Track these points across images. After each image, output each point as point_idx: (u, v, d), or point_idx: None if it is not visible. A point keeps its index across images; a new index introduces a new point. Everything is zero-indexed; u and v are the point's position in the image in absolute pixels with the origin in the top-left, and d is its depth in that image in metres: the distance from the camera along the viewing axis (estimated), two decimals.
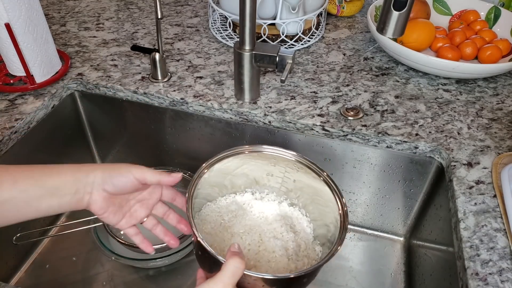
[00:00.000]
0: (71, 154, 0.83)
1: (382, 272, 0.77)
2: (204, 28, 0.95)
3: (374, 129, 0.68)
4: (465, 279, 0.49)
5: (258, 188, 0.60)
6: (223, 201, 0.59)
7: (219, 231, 0.54)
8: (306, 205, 0.58)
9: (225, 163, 0.54)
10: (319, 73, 0.80)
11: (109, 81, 0.77)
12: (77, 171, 0.46)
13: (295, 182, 0.58)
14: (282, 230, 0.55)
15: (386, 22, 0.51)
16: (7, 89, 0.72)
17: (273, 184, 0.60)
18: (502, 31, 0.88)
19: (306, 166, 0.54)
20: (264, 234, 0.54)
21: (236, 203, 0.58)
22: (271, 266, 0.50)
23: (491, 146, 0.65)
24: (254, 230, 0.54)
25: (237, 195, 0.60)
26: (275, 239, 0.53)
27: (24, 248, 0.76)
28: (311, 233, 0.56)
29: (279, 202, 0.59)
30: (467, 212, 0.55)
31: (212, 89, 0.75)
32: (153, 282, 0.75)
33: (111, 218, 0.50)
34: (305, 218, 0.58)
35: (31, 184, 0.43)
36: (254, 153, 0.55)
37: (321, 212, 0.55)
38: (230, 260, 0.40)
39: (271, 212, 0.58)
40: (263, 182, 0.60)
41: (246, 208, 0.58)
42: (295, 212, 0.58)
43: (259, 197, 0.60)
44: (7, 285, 0.68)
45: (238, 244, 0.43)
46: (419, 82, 0.79)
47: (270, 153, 0.55)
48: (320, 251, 0.54)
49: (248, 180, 0.59)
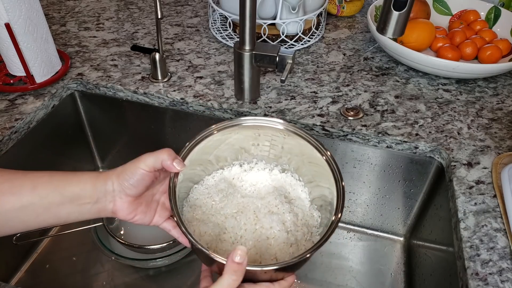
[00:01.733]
0: (71, 154, 0.83)
1: (382, 272, 0.77)
2: (204, 28, 0.95)
3: (374, 129, 0.68)
4: (465, 279, 0.49)
5: (246, 157, 0.58)
6: (211, 180, 0.56)
7: (211, 215, 0.51)
8: (298, 167, 0.56)
9: (206, 142, 0.52)
10: (319, 73, 0.80)
11: (109, 81, 0.77)
12: (95, 179, 0.45)
13: (283, 147, 0.56)
14: (276, 202, 0.52)
15: (386, 22, 0.51)
16: (7, 89, 0.72)
17: (261, 153, 0.57)
18: (502, 31, 0.88)
19: (294, 133, 0.53)
20: (259, 211, 0.51)
21: (225, 180, 0.56)
22: (270, 243, 0.49)
23: (491, 146, 0.65)
24: (247, 208, 0.52)
25: (224, 170, 0.57)
26: (270, 214, 0.51)
27: (24, 248, 0.76)
28: (307, 198, 0.55)
29: (270, 170, 0.57)
30: (467, 212, 0.55)
31: (212, 89, 0.75)
32: (153, 282, 0.75)
33: (144, 219, 0.49)
34: (299, 183, 0.56)
35: (51, 190, 0.43)
36: (235, 127, 0.53)
37: (314, 172, 0.53)
38: (225, 277, 0.39)
39: (263, 184, 0.56)
40: (250, 152, 0.57)
41: (236, 184, 0.56)
42: (288, 178, 0.56)
43: (248, 168, 0.57)
44: (7, 285, 0.68)
45: (244, 250, 0.40)
46: (419, 82, 0.79)
47: (252, 124, 0.53)
48: (319, 216, 0.52)
49: (234, 150, 0.57)
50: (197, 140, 0.52)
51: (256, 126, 0.54)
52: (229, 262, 0.40)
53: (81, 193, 0.44)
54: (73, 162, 0.85)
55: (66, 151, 0.81)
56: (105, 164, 0.91)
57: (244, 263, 0.40)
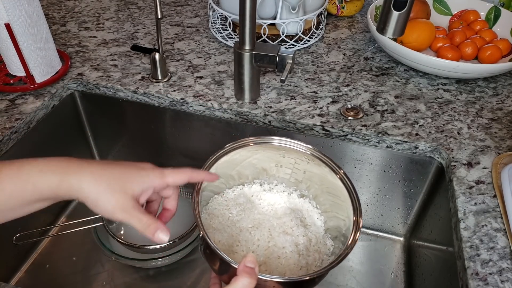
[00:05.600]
0: (71, 154, 0.82)
1: (382, 272, 0.77)
2: (204, 28, 0.95)
3: (374, 129, 0.68)
4: (465, 279, 0.49)
5: (267, 178, 0.59)
6: (231, 193, 0.57)
7: (227, 226, 0.52)
8: (317, 196, 0.57)
9: (232, 156, 0.53)
10: (319, 73, 0.80)
11: (109, 81, 0.77)
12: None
13: (305, 173, 0.56)
14: (292, 224, 0.53)
15: (386, 22, 0.51)
16: (7, 89, 0.72)
17: (282, 175, 0.58)
18: (502, 31, 0.88)
19: (319, 159, 0.53)
20: (274, 229, 0.52)
21: (244, 195, 0.57)
22: (281, 262, 0.49)
23: (491, 146, 0.65)
24: (263, 225, 0.53)
25: (245, 187, 0.58)
26: (285, 235, 0.52)
27: (24, 248, 0.76)
28: (322, 226, 0.55)
29: (289, 194, 0.58)
30: (467, 212, 0.55)
31: (212, 89, 0.75)
32: (153, 282, 0.75)
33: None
34: (316, 210, 0.56)
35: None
36: (262, 144, 0.54)
37: (332, 203, 0.54)
38: (240, 278, 0.39)
39: (280, 205, 0.56)
40: (272, 173, 0.58)
41: (255, 201, 0.56)
42: (305, 204, 0.57)
43: (267, 188, 0.58)
44: (7, 285, 0.68)
45: (254, 257, 0.41)
46: (419, 82, 0.79)
47: (279, 144, 0.54)
48: (332, 245, 0.52)
49: (256, 170, 0.58)
50: (224, 152, 0.52)
51: (283, 147, 0.54)
52: (242, 266, 0.39)
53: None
54: None
55: (66, 151, 0.81)
56: None
57: (256, 268, 0.40)
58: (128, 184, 0.42)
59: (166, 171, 0.45)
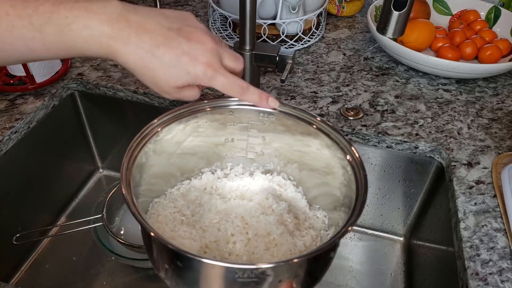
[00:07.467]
0: (71, 154, 0.83)
1: (382, 272, 0.77)
2: None
3: (374, 129, 0.68)
4: (465, 279, 0.49)
5: (218, 164, 0.46)
6: (175, 192, 0.45)
7: (182, 232, 0.40)
8: (286, 165, 0.46)
9: (161, 142, 0.40)
10: (319, 73, 0.80)
11: (109, 81, 0.77)
12: None
13: (264, 139, 0.44)
14: (269, 203, 0.42)
15: (386, 22, 0.51)
16: (7, 89, 0.72)
17: (236, 153, 0.46)
18: (502, 31, 0.88)
19: (284, 113, 0.40)
20: (249, 215, 0.40)
21: (195, 189, 0.45)
22: (273, 254, 0.38)
23: (491, 146, 0.65)
24: (233, 213, 0.41)
25: (192, 181, 0.46)
26: (265, 216, 0.40)
27: (24, 248, 0.76)
28: (303, 198, 0.46)
29: (250, 174, 0.47)
30: (467, 212, 0.55)
31: (212, 89, 0.75)
32: (153, 282, 0.75)
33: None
34: (289, 182, 0.46)
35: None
36: (198, 113, 0.41)
37: (311, 168, 0.44)
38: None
39: (246, 187, 0.46)
40: (222, 154, 0.45)
41: (212, 192, 0.45)
42: (275, 178, 0.46)
43: (222, 175, 0.46)
44: (7, 285, 0.68)
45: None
46: (419, 82, 0.79)
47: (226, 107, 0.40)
48: (325, 216, 0.43)
49: (201, 156, 0.45)
50: (149, 131, 0.40)
51: (228, 110, 0.41)
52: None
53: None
54: (73, 162, 0.85)
55: (66, 151, 0.81)
56: (105, 164, 0.91)
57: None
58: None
59: (217, 77, 0.41)
